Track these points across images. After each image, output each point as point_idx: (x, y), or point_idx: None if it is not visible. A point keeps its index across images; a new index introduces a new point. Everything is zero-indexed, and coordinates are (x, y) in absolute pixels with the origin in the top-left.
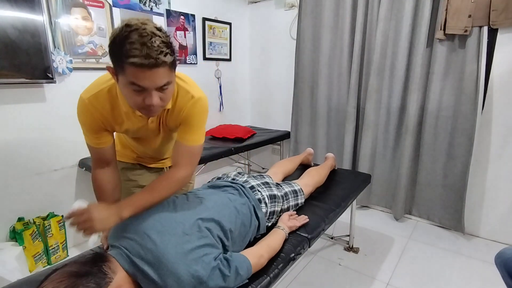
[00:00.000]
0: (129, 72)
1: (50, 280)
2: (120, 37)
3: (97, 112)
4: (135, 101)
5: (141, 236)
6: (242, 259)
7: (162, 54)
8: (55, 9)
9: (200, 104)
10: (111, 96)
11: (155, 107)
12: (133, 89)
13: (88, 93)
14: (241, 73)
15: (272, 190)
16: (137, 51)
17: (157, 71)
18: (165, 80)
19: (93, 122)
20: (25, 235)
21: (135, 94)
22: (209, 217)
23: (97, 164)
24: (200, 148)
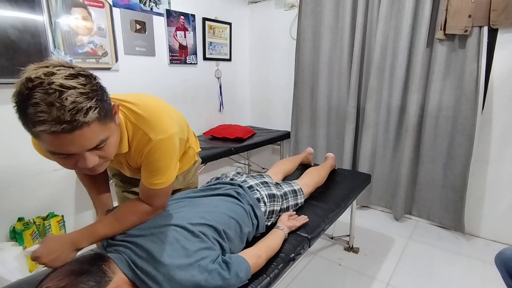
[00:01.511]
0: (44, 140)
1: (50, 278)
2: (22, 96)
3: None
4: (67, 166)
5: (135, 245)
6: (241, 261)
7: (81, 112)
8: (55, 9)
9: (161, 147)
10: None
11: (94, 168)
12: (57, 156)
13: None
14: (241, 73)
15: (271, 189)
16: (44, 115)
17: (80, 134)
18: (96, 139)
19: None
20: (25, 235)
21: (64, 160)
22: (199, 221)
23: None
24: (170, 187)
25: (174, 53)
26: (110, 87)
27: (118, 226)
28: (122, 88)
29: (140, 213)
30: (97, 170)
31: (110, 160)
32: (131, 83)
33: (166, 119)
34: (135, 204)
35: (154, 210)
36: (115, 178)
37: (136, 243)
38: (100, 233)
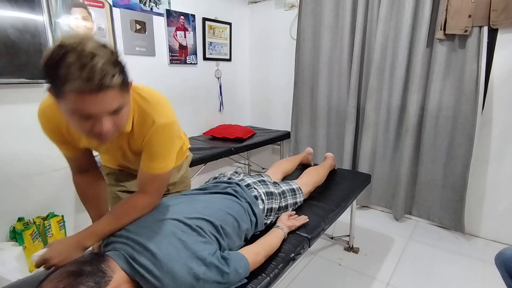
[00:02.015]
0: (70, 99)
1: (50, 280)
2: (54, 59)
3: (51, 124)
4: (83, 128)
5: (133, 241)
6: (240, 258)
7: (108, 76)
8: (55, 9)
9: (163, 131)
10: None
11: (107, 134)
12: (77, 116)
13: (43, 104)
14: (241, 73)
15: (269, 187)
16: (76, 73)
17: (104, 96)
18: (116, 104)
19: (52, 134)
20: (25, 235)
21: (82, 122)
22: (196, 216)
23: (75, 170)
24: (168, 174)
25: (174, 53)
26: None
27: (118, 223)
28: None
29: (139, 208)
30: (107, 138)
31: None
32: None
33: (169, 106)
34: (132, 200)
35: (151, 201)
36: (109, 177)
37: (133, 238)
38: (101, 232)
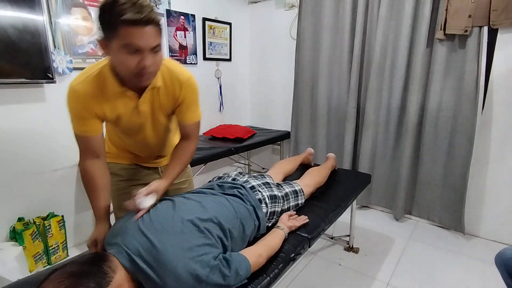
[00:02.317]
0: (122, 33)
1: (50, 280)
2: (109, 3)
3: (86, 97)
4: (129, 65)
5: (140, 235)
6: (242, 259)
7: (153, 12)
8: (55, 9)
9: (192, 83)
10: (101, 79)
11: (149, 70)
12: (127, 51)
13: (77, 80)
14: (241, 73)
15: (273, 190)
16: (129, 8)
17: (150, 29)
18: (156, 41)
19: (82, 108)
20: (25, 235)
21: (129, 57)
22: (208, 217)
23: (85, 155)
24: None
25: (174, 53)
26: None
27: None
28: None
29: (192, 151)
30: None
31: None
32: None
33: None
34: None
35: (196, 144)
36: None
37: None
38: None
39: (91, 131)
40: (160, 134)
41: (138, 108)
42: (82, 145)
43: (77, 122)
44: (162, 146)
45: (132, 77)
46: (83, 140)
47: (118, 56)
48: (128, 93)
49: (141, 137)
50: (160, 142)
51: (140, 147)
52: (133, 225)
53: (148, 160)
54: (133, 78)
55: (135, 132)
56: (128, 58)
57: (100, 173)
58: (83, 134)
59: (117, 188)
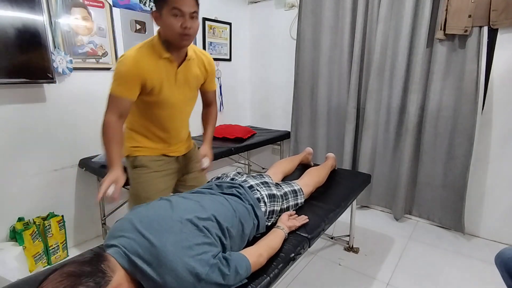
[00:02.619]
0: (171, 1)
1: (49, 280)
2: None
3: (140, 62)
4: (175, 26)
5: (138, 235)
6: (241, 258)
7: None
8: (55, 9)
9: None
10: (152, 47)
11: (189, 32)
12: (173, 14)
13: (133, 50)
14: (241, 73)
15: (271, 189)
16: None
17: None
18: (195, 8)
19: (133, 73)
20: (25, 235)
21: (175, 20)
22: (207, 216)
23: (115, 113)
24: None
25: None
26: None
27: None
28: None
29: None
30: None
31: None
32: None
33: None
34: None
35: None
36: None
37: (141, 232)
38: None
39: (130, 95)
40: (186, 110)
41: (177, 76)
42: (116, 104)
43: (122, 85)
44: (184, 126)
45: (177, 37)
46: (119, 100)
47: (167, 20)
48: (171, 59)
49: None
50: (184, 119)
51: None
52: (130, 226)
53: (171, 145)
54: (178, 38)
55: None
56: (174, 20)
57: (120, 130)
58: (123, 96)
59: (147, 179)
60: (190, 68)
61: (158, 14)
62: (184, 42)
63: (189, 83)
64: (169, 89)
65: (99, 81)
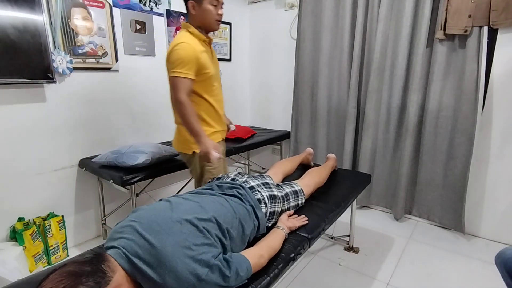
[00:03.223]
0: None
1: (50, 280)
2: None
3: (194, 46)
4: (214, 13)
5: (138, 236)
6: (242, 260)
7: None
8: (55, 9)
9: None
10: (193, 35)
11: (221, 18)
12: (212, 4)
13: (181, 39)
14: (241, 73)
15: (272, 190)
16: None
17: None
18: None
19: (192, 56)
20: (25, 235)
21: (213, 8)
22: (207, 217)
23: (185, 93)
24: None
25: None
26: (110, 87)
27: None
28: (122, 88)
29: None
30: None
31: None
32: (131, 83)
33: None
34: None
35: None
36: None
37: (141, 233)
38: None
39: (191, 75)
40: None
41: (212, 53)
42: (183, 85)
43: (187, 68)
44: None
45: (213, 22)
46: (185, 81)
47: (207, 9)
48: (206, 40)
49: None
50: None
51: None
52: (130, 227)
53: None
54: (214, 22)
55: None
56: (212, 9)
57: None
58: (188, 76)
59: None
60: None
61: (195, 4)
62: (217, 26)
63: (216, 61)
64: (211, 65)
65: (99, 81)
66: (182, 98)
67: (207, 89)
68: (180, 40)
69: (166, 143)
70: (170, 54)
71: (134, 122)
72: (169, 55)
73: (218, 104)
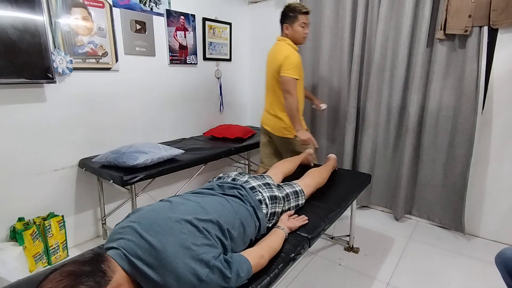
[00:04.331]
0: (300, 18)
1: (50, 279)
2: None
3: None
4: (302, 33)
5: (138, 237)
6: (243, 261)
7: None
8: (55, 9)
9: None
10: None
11: (307, 36)
12: (301, 26)
13: (289, 49)
14: (241, 73)
15: (273, 191)
16: (302, 7)
17: (308, 16)
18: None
19: (299, 61)
20: (25, 235)
21: (302, 29)
22: (207, 217)
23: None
24: None
25: (174, 53)
26: (110, 87)
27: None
28: (122, 88)
29: None
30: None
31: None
32: (131, 83)
33: None
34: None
35: None
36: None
37: (140, 234)
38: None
39: (299, 76)
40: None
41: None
42: (295, 84)
43: (297, 71)
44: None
45: (301, 38)
46: (295, 82)
47: (297, 29)
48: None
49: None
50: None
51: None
52: (130, 228)
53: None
54: (302, 39)
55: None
56: (301, 29)
57: None
58: (297, 78)
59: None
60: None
61: (289, 26)
62: (304, 42)
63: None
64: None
65: (99, 81)
66: (294, 94)
67: (298, 88)
68: (289, 50)
69: (166, 143)
70: (286, 60)
71: (134, 122)
72: (284, 60)
73: (301, 102)
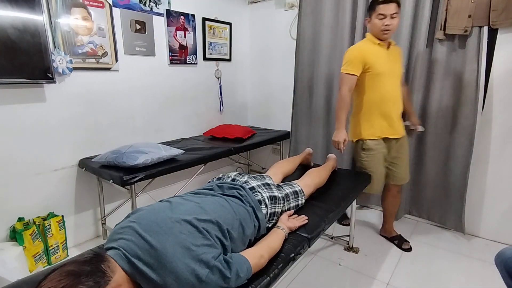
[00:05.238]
0: (377, 9)
1: (49, 279)
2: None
3: (362, 49)
4: (379, 25)
5: (138, 237)
6: (243, 261)
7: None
8: (55, 9)
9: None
10: (367, 41)
11: (388, 28)
12: (379, 18)
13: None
14: (241, 73)
15: (273, 191)
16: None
17: (392, 5)
18: (396, 10)
19: (358, 57)
20: (25, 235)
21: (379, 21)
22: (207, 218)
23: (348, 88)
24: None
25: (174, 53)
26: (109, 87)
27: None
28: (122, 88)
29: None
30: (388, 33)
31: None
32: (131, 83)
33: None
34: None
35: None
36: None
37: (140, 234)
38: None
39: (356, 72)
40: (394, 81)
41: (387, 55)
42: (349, 81)
43: (352, 66)
44: (398, 98)
45: (379, 32)
46: (350, 78)
47: (374, 22)
48: (381, 44)
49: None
50: (396, 92)
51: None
52: (130, 228)
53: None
54: (380, 33)
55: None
56: (379, 21)
57: (350, 101)
58: (353, 73)
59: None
60: (394, 52)
61: (369, 18)
62: (383, 36)
63: (394, 61)
64: (381, 64)
65: (99, 81)
66: (344, 92)
67: (371, 84)
68: (353, 46)
69: (166, 143)
70: (344, 56)
71: (134, 122)
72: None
73: (384, 101)
